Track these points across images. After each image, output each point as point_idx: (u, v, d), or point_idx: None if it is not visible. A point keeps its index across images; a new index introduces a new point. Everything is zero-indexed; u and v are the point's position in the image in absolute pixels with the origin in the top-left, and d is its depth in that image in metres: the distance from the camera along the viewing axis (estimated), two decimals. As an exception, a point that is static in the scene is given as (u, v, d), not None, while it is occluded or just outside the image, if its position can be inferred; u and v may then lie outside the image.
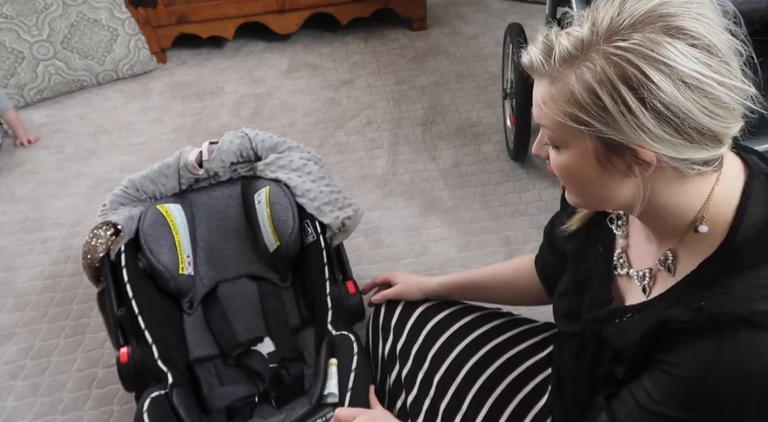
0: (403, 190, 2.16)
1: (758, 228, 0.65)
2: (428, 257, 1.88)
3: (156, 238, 1.44)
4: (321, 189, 1.45)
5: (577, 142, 0.66)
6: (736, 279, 0.63)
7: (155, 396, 1.14)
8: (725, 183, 0.68)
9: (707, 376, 0.63)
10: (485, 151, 2.30)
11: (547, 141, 0.71)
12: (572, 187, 0.73)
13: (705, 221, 0.67)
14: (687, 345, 0.65)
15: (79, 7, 2.81)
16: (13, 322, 1.83)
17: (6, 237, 2.14)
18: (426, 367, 1.08)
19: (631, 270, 0.79)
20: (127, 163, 2.45)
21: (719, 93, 0.61)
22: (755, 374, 0.61)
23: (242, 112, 2.69)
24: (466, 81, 2.72)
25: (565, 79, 0.63)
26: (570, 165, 0.69)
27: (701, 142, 0.63)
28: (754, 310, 0.61)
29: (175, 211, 1.51)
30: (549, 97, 0.66)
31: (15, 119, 2.58)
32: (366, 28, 3.22)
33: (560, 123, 0.66)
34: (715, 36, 0.61)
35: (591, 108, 0.62)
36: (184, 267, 1.44)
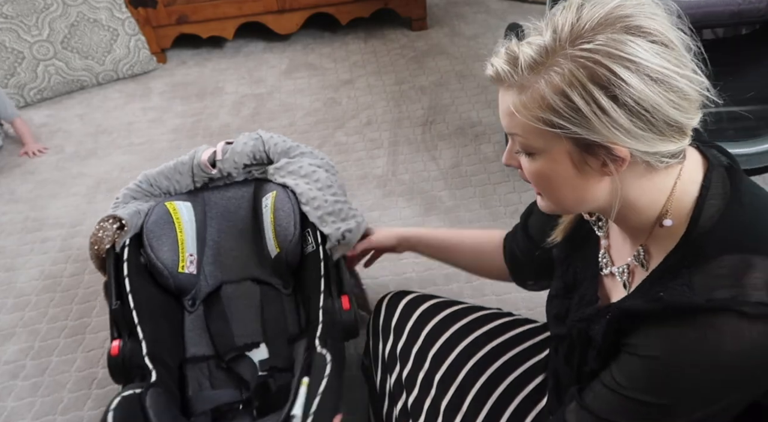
0: (403, 190, 2.16)
1: (716, 220, 0.68)
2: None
3: (158, 235, 1.43)
4: (326, 198, 1.42)
5: (550, 146, 0.68)
6: (696, 270, 0.66)
7: (126, 396, 1.11)
8: (686, 176, 0.70)
9: (667, 359, 0.66)
10: (485, 151, 2.30)
11: (519, 149, 0.72)
12: (548, 191, 0.74)
13: (669, 215, 0.70)
14: (649, 329, 0.68)
15: (79, 7, 2.81)
16: (13, 322, 1.83)
17: (6, 237, 2.14)
18: (426, 367, 1.08)
19: (613, 268, 0.81)
20: (127, 163, 2.45)
21: (681, 84, 0.64)
22: (712, 358, 0.63)
23: (242, 112, 2.69)
24: (466, 81, 2.72)
25: (535, 86, 0.65)
26: (545, 170, 0.71)
27: (669, 135, 0.66)
28: (711, 299, 0.63)
29: (183, 209, 1.50)
30: (520, 104, 0.67)
31: (23, 128, 2.56)
32: (366, 28, 3.22)
33: (533, 129, 0.67)
34: (670, 32, 0.64)
35: (564, 111, 0.64)
36: (184, 265, 1.43)
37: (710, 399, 0.66)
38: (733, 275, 0.63)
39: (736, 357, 0.63)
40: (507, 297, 1.72)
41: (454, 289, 1.76)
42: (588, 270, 0.86)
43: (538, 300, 1.21)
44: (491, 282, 1.77)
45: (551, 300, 0.93)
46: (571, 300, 0.87)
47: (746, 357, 0.63)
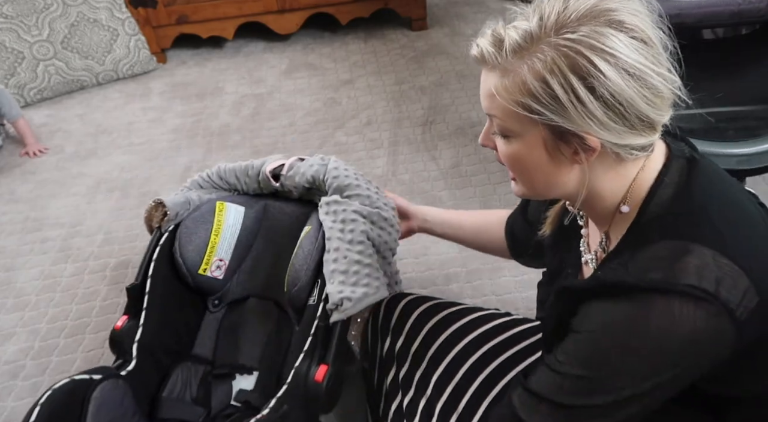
0: (403, 190, 2.16)
1: (664, 207, 0.70)
2: (428, 257, 1.88)
3: (191, 232, 1.39)
4: (347, 254, 1.24)
5: (526, 130, 0.70)
6: (637, 253, 0.68)
7: (61, 387, 1.05)
8: (648, 166, 0.73)
9: (600, 333, 0.68)
10: (485, 151, 2.30)
11: (496, 131, 0.75)
12: (520, 175, 0.77)
13: (627, 202, 0.73)
14: (587, 307, 0.70)
15: (79, 7, 2.81)
16: (13, 322, 1.83)
17: (6, 237, 2.14)
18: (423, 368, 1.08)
19: (588, 256, 0.85)
20: (127, 163, 2.45)
21: (656, 82, 0.66)
22: (642, 334, 0.66)
23: (242, 112, 2.69)
24: (466, 81, 2.72)
25: (517, 70, 0.67)
26: (519, 153, 0.73)
27: (640, 129, 0.68)
28: (643, 278, 0.66)
29: (231, 212, 1.43)
30: (501, 87, 0.69)
31: (25, 128, 2.56)
32: (366, 28, 3.22)
33: (511, 112, 0.69)
34: (650, 29, 0.66)
35: (542, 97, 0.66)
36: (208, 269, 1.40)
37: (639, 376, 0.67)
38: (668, 258, 0.66)
39: (664, 335, 0.65)
40: (507, 297, 1.72)
41: (454, 289, 1.76)
42: (572, 259, 0.89)
43: (538, 301, 1.20)
44: (491, 282, 1.77)
45: (539, 287, 0.96)
46: (553, 287, 0.88)
47: (674, 337, 0.65)
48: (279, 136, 2.51)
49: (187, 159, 2.44)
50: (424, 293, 1.26)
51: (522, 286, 1.74)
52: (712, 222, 0.69)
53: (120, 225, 2.14)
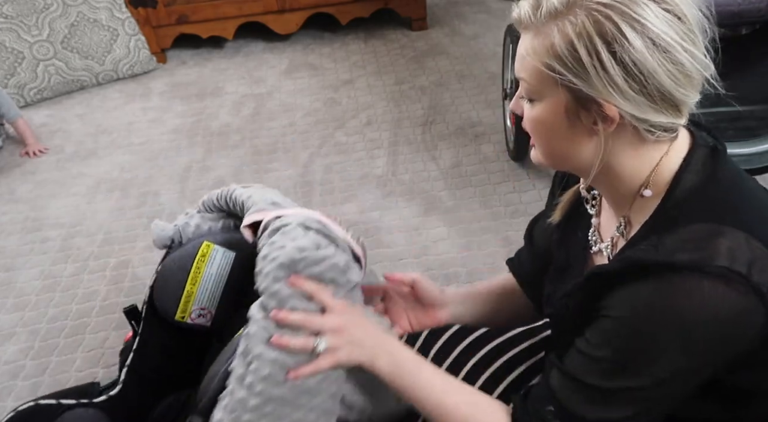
0: (403, 190, 2.16)
1: (691, 192, 0.70)
2: (428, 257, 1.88)
3: (166, 276, 1.21)
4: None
5: (550, 93, 0.70)
6: (666, 235, 0.68)
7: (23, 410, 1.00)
8: (672, 153, 0.72)
9: (634, 316, 0.68)
10: (485, 151, 2.30)
11: (523, 94, 0.74)
12: (540, 140, 0.76)
13: (649, 186, 0.73)
14: (618, 290, 0.70)
15: (79, 7, 2.81)
16: (13, 322, 1.83)
17: (6, 237, 2.14)
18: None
19: (602, 244, 0.84)
20: (127, 163, 2.45)
21: (683, 58, 0.65)
22: (675, 316, 0.65)
23: (242, 112, 2.69)
24: (466, 81, 2.72)
25: (548, 32, 0.67)
26: (541, 117, 0.73)
27: (662, 106, 0.67)
28: (674, 259, 0.65)
29: (217, 258, 1.22)
30: (531, 48, 0.69)
31: (25, 128, 2.56)
32: (366, 28, 3.22)
33: (537, 73, 0.69)
34: (686, 7, 0.66)
35: (567, 59, 0.66)
36: (186, 316, 1.23)
37: (671, 357, 0.67)
38: (700, 240, 0.66)
39: (697, 317, 0.65)
40: (507, 297, 1.72)
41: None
42: (578, 251, 0.88)
43: (538, 301, 1.20)
44: (491, 282, 1.78)
45: (546, 284, 0.95)
46: (561, 282, 0.88)
47: (705, 317, 0.65)
48: (279, 136, 2.51)
49: (187, 159, 2.44)
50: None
51: (522, 286, 1.74)
52: (742, 207, 0.69)
53: (120, 225, 2.14)
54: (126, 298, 1.86)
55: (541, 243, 1.01)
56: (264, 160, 2.39)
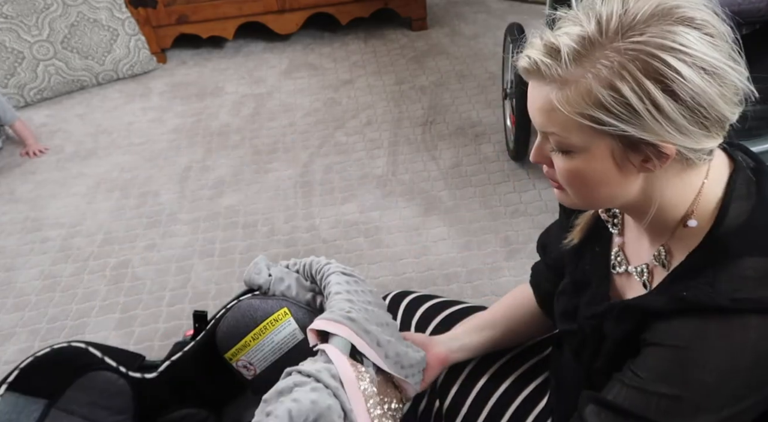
0: (403, 190, 2.16)
1: (741, 220, 0.66)
2: (428, 257, 1.88)
3: (238, 316, 1.19)
4: None
5: (591, 143, 0.64)
6: (719, 269, 0.64)
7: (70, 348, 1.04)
8: (712, 176, 0.68)
9: (694, 350, 0.64)
10: (485, 151, 2.30)
11: (554, 147, 0.68)
12: (581, 190, 0.70)
13: (694, 215, 0.68)
14: (671, 323, 0.66)
15: (79, 7, 2.81)
16: (13, 322, 1.83)
17: (6, 237, 2.14)
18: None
19: (630, 267, 0.79)
20: (127, 163, 2.45)
21: (733, 78, 0.61)
22: (737, 355, 0.62)
23: (242, 112, 2.69)
24: (466, 81, 2.72)
25: (581, 80, 0.61)
26: (582, 168, 0.66)
27: (714, 131, 0.63)
28: (735, 299, 0.62)
29: (285, 330, 1.18)
30: (563, 100, 0.63)
31: (23, 129, 2.56)
32: (366, 28, 3.22)
33: (575, 126, 0.63)
34: (718, 23, 0.62)
35: (612, 106, 0.60)
36: (234, 360, 1.22)
37: (737, 396, 0.64)
38: (758, 278, 0.62)
39: (761, 355, 0.62)
40: (507, 297, 1.72)
41: (454, 289, 1.76)
42: (599, 269, 0.84)
43: (538, 301, 1.20)
44: (491, 282, 1.77)
45: (558, 297, 0.91)
46: (581, 298, 0.85)
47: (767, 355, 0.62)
48: (279, 136, 2.51)
49: (187, 159, 2.44)
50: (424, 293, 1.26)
51: (522, 286, 1.74)
52: None
53: (120, 225, 2.14)
54: (126, 298, 1.86)
55: (556, 257, 0.96)
56: (264, 160, 2.39)
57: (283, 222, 2.08)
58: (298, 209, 2.13)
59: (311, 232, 2.02)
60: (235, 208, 2.16)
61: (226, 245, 2.01)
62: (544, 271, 1.00)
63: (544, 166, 0.72)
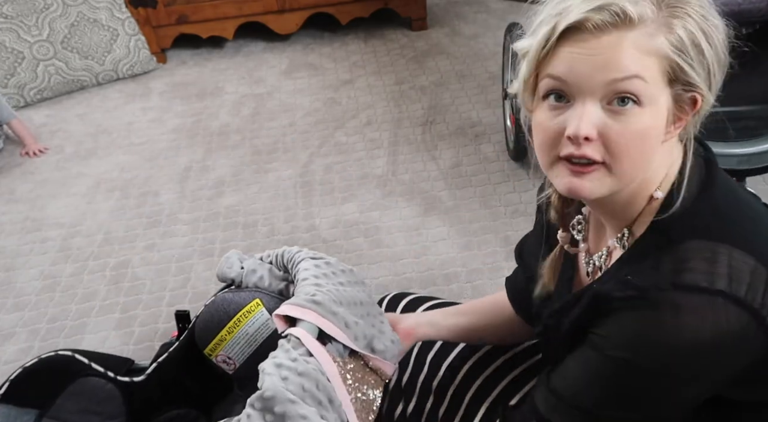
0: (403, 190, 2.16)
1: (687, 205, 0.68)
2: (428, 257, 1.88)
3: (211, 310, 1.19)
4: None
5: (659, 94, 0.65)
6: (663, 253, 0.66)
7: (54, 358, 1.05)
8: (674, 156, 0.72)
9: (633, 352, 0.66)
10: (485, 151, 2.30)
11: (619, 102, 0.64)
12: (631, 156, 0.66)
13: (660, 189, 0.71)
14: (614, 317, 0.68)
15: (79, 7, 2.81)
16: (13, 322, 1.82)
17: (6, 237, 2.14)
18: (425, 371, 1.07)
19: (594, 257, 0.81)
20: (127, 163, 2.45)
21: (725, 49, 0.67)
22: (678, 341, 0.64)
23: (242, 112, 2.69)
24: (466, 81, 2.72)
25: (662, 22, 0.64)
26: (647, 125, 0.65)
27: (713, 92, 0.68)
28: (677, 282, 0.64)
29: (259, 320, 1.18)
30: (650, 47, 0.63)
31: (21, 128, 2.56)
32: (366, 28, 3.22)
33: (654, 72, 0.64)
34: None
35: (689, 49, 0.64)
36: (213, 356, 1.21)
37: (673, 389, 0.66)
38: (700, 260, 0.64)
39: (696, 344, 0.63)
40: (507, 297, 1.72)
41: (454, 289, 1.76)
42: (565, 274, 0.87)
43: (538, 301, 1.20)
44: (491, 283, 1.77)
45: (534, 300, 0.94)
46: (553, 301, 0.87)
47: (707, 342, 0.63)
48: (279, 136, 2.51)
49: (186, 159, 2.44)
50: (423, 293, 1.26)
51: (522, 286, 1.74)
52: (739, 224, 0.68)
53: (120, 225, 2.14)
54: (126, 298, 1.86)
55: (530, 266, 0.97)
56: (264, 159, 2.39)
57: (283, 222, 2.08)
58: (298, 209, 2.13)
59: (311, 232, 2.02)
60: (235, 208, 2.16)
61: (226, 245, 2.01)
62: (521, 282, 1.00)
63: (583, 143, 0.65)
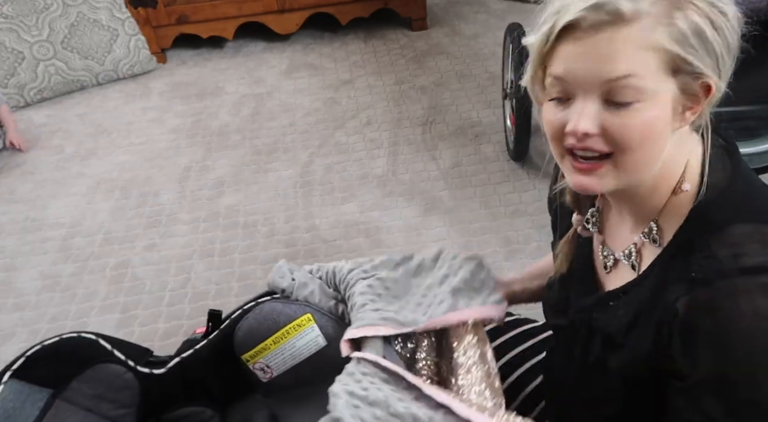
0: (403, 190, 2.16)
1: (722, 190, 0.68)
2: (428, 257, 1.88)
3: (260, 319, 1.17)
4: None
5: (660, 87, 0.63)
6: (712, 240, 0.64)
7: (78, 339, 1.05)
8: (692, 148, 0.71)
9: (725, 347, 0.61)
10: (485, 151, 2.30)
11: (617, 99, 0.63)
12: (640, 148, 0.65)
13: (686, 181, 0.69)
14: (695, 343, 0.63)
15: (79, 7, 2.81)
16: (13, 322, 1.82)
17: (6, 237, 2.14)
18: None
19: (617, 253, 0.78)
20: (127, 163, 2.45)
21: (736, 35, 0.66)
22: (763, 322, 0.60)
23: (242, 112, 2.69)
24: (466, 81, 2.72)
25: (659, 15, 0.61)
26: (648, 119, 0.64)
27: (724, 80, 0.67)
28: (743, 267, 0.62)
29: (308, 336, 1.15)
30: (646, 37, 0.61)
31: (7, 116, 2.56)
32: (366, 28, 3.22)
33: (653, 66, 0.62)
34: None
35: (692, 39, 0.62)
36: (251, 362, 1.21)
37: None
38: (753, 243, 0.63)
39: None
40: (507, 297, 1.72)
41: (454, 289, 1.76)
42: (584, 264, 0.84)
43: (538, 301, 1.20)
44: (491, 282, 1.77)
45: (548, 289, 0.92)
46: (569, 290, 0.86)
47: None
48: (279, 136, 2.51)
49: (187, 159, 2.44)
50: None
51: (522, 286, 1.74)
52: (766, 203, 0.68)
53: (120, 225, 2.14)
54: (126, 298, 1.86)
55: None
56: (264, 160, 2.39)
57: (283, 222, 2.08)
58: (298, 209, 2.13)
59: (311, 232, 2.02)
60: (235, 208, 2.16)
61: (226, 245, 2.01)
62: None
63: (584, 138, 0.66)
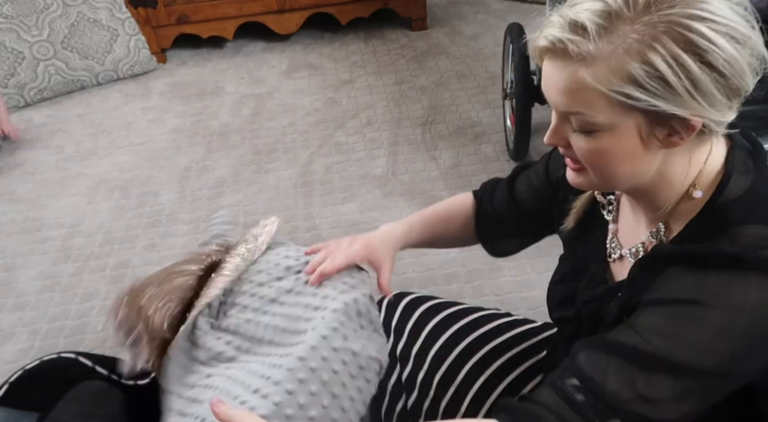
0: (403, 190, 2.16)
1: (741, 191, 0.66)
2: (428, 257, 1.88)
3: None
4: None
5: (618, 121, 0.62)
6: (720, 235, 0.64)
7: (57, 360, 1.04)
8: (714, 152, 0.69)
9: (687, 302, 0.63)
10: (485, 151, 2.30)
11: (576, 128, 0.65)
12: (604, 169, 0.67)
13: (698, 187, 0.68)
14: (670, 277, 0.65)
15: (79, 7, 2.81)
16: (13, 322, 1.82)
17: (6, 237, 2.14)
18: (426, 368, 1.07)
19: (624, 250, 0.79)
20: (127, 163, 2.45)
21: (758, 46, 0.60)
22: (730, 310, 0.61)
23: (242, 112, 2.69)
24: (466, 81, 2.72)
25: (610, 56, 0.59)
26: (609, 147, 0.64)
27: (735, 102, 0.63)
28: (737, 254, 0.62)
29: None
30: (590, 78, 0.60)
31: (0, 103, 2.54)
32: (366, 28, 3.22)
33: (604, 104, 0.61)
34: None
35: (646, 81, 0.59)
36: None
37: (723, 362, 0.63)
38: (759, 242, 0.62)
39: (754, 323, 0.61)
40: (507, 297, 1.72)
41: (454, 289, 1.76)
42: (596, 254, 0.84)
43: (539, 300, 1.21)
44: (491, 282, 1.77)
45: (555, 285, 0.92)
46: (578, 283, 0.85)
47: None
48: (279, 136, 2.51)
49: (187, 159, 2.44)
50: (424, 293, 1.26)
51: (522, 286, 1.74)
52: None
53: (120, 225, 2.14)
54: (126, 298, 1.86)
55: (520, 198, 1.00)
56: (264, 160, 2.39)
57: (283, 223, 2.08)
58: (298, 209, 2.13)
59: (311, 232, 2.02)
60: (235, 208, 2.16)
61: (226, 245, 2.01)
62: (502, 195, 1.05)
63: (560, 147, 0.70)
